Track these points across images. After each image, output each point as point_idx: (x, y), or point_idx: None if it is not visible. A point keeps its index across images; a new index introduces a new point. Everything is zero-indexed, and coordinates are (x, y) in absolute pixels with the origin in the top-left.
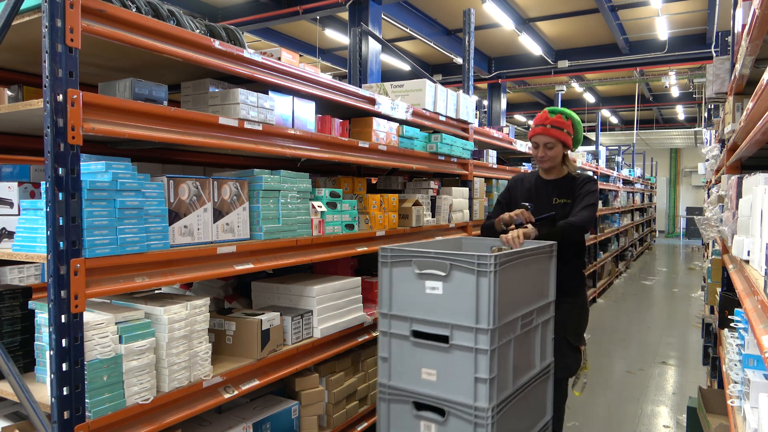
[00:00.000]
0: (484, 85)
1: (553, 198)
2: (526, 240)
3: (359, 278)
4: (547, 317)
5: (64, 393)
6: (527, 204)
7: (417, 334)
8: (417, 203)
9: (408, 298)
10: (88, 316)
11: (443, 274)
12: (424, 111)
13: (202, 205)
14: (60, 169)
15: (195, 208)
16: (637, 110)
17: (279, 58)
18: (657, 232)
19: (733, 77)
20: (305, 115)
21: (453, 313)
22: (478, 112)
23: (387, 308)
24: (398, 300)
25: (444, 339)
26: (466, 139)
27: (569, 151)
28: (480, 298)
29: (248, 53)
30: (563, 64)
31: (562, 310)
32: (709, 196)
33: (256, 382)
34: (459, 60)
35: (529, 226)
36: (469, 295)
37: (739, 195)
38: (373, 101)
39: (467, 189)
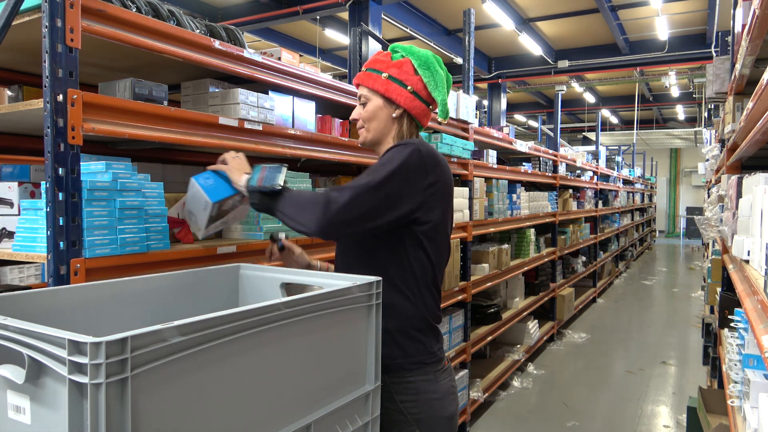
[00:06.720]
0: (484, 85)
1: None
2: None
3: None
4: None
5: None
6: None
7: None
8: None
9: None
10: None
11: (20, 382)
12: None
13: None
14: (60, 169)
15: None
16: (637, 110)
17: (279, 58)
18: (657, 232)
19: (733, 77)
20: (305, 115)
21: None
22: (478, 112)
23: None
24: None
25: None
26: (466, 139)
27: (420, 120)
28: None
29: (248, 53)
30: (563, 64)
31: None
32: (709, 196)
33: None
34: (459, 60)
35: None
36: None
37: (739, 195)
38: None
39: (467, 189)
